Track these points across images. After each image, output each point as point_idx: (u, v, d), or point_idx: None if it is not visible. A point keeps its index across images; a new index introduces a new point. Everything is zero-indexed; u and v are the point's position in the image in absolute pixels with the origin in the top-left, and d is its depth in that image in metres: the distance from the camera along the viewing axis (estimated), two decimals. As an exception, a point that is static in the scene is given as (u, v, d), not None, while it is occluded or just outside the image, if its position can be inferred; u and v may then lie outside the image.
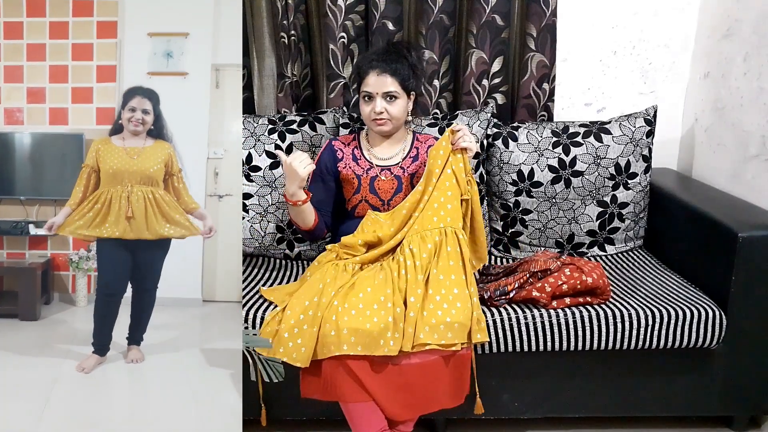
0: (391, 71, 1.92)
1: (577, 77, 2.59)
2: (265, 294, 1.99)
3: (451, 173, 1.88)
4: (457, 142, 1.87)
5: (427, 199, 1.88)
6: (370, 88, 1.93)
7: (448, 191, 1.88)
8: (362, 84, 1.96)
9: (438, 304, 1.73)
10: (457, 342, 1.71)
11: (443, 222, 1.87)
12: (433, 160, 1.90)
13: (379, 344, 1.68)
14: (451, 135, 1.89)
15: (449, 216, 1.87)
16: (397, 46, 2.01)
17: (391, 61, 1.93)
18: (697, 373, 1.96)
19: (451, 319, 1.70)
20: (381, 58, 1.94)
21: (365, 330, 1.67)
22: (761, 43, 2.16)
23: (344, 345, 1.67)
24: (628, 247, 2.37)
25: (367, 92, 1.94)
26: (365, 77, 1.94)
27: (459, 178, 1.89)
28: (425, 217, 1.88)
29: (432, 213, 1.88)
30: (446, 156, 1.89)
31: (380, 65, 1.92)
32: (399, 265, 1.81)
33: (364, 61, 1.99)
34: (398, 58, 1.94)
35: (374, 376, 1.70)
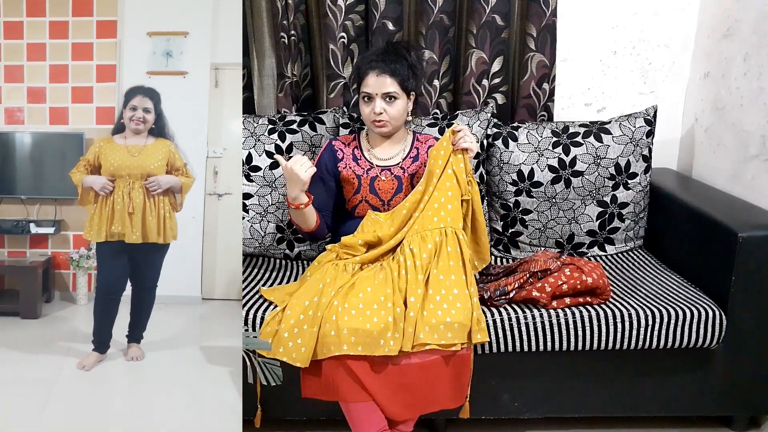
0: (391, 72, 1.92)
1: (577, 77, 2.59)
2: (265, 294, 1.99)
3: (451, 173, 1.88)
4: (458, 143, 1.87)
5: (428, 200, 1.88)
6: (369, 88, 1.93)
7: (448, 191, 1.88)
8: (362, 84, 1.96)
9: (438, 304, 1.73)
10: (457, 342, 1.71)
11: (443, 222, 1.87)
12: (434, 161, 1.89)
13: (379, 344, 1.68)
14: (451, 135, 1.89)
15: (449, 216, 1.87)
16: (397, 46, 2.00)
17: (390, 61, 1.93)
18: (697, 373, 1.96)
19: (451, 319, 1.70)
20: (380, 58, 1.94)
21: (365, 330, 1.67)
22: (761, 43, 2.16)
23: (344, 345, 1.67)
24: (628, 247, 2.37)
25: (366, 93, 1.94)
26: (365, 78, 1.94)
27: (459, 178, 1.89)
28: (425, 218, 1.88)
29: (432, 213, 1.87)
30: (447, 156, 1.88)
31: (380, 66, 1.92)
32: (399, 265, 1.81)
33: (363, 61, 1.99)
34: (398, 59, 1.94)
35: (374, 376, 1.70)
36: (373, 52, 2.01)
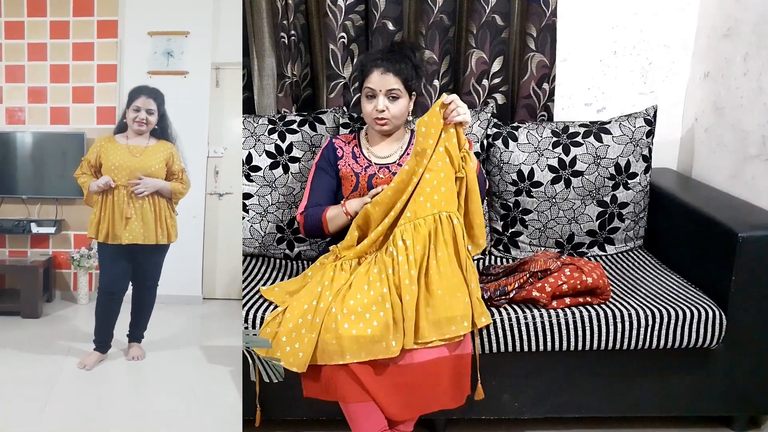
0: (395, 70, 1.92)
1: (577, 77, 2.59)
2: (264, 294, 1.99)
3: (443, 152, 1.74)
4: (450, 116, 1.74)
5: (417, 182, 1.75)
6: (373, 84, 1.93)
7: (441, 172, 1.75)
8: (365, 81, 1.96)
9: (439, 299, 1.71)
10: (461, 332, 1.73)
11: (437, 207, 1.75)
12: (424, 138, 1.74)
13: (382, 346, 1.68)
14: (442, 109, 1.74)
15: (443, 200, 1.75)
16: (402, 46, 2.01)
17: (395, 60, 1.93)
18: (697, 373, 1.96)
19: (453, 312, 1.71)
20: (385, 56, 1.94)
21: (367, 336, 1.67)
22: (761, 43, 2.16)
23: (347, 354, 1.67)
24: (628, 247, 2.37)
25: (369, 89, 1.94)
26: (368, 74, 1.94)
27: (453, 155, 1.76)
28: (418, 204, 1.76)
29: (425, 198, 1.75)
30: (438, 133, 1.74)
31: (384, 64, 1.92)
32: (393, 259, 1.74)
33: (367, 58, 1.99)
34: (402, 58, 1.95)
35: (374, 376, 1.70)
36: (378, 50, 2.02)
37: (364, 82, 1.96)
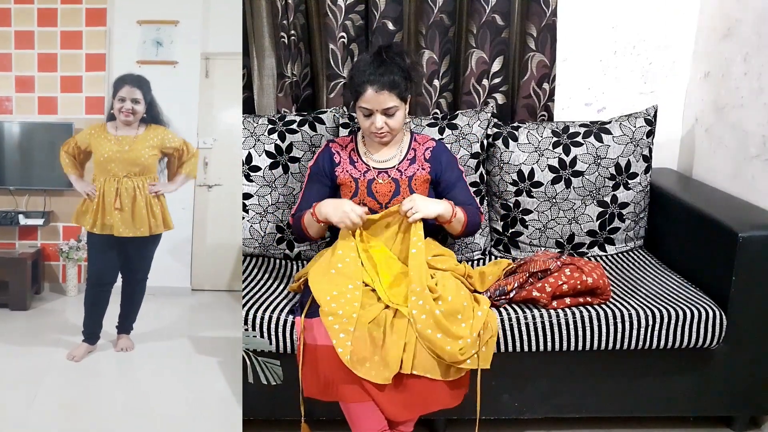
0: (389, 86, 1.85)
1: (577, 77, 2.59)
2: (296, 283, 2.04)
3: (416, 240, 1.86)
4: (413, 218, 1.84)
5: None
6: (368, 104, 1.88)
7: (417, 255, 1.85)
8: (359, 100, 1.89)
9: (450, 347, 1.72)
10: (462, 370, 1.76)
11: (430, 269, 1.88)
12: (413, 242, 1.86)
13: (398, 365, 1.71)
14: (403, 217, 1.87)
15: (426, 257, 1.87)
16: (388, 53, 1.90)
17: (385, 73, 1.86)
18: (697, 373, 1.96)
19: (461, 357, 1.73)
20: (375, 71, 1.86)
21: (387, 364, 1.71)
22: (761, 43, 2.16)
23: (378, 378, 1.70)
24: (628, 247, 2.37)
25: (365, 108, 1.89)
26: (362, 93, 1.87)
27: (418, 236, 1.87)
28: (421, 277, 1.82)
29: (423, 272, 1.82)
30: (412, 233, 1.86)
31: (377, 80, 1.85)
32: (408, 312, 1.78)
33: (357, 74, 1.89)
34: (392, 68, 1.87)
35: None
36: (366, 64, 1.89)
37: (358, 100, 1.90)
